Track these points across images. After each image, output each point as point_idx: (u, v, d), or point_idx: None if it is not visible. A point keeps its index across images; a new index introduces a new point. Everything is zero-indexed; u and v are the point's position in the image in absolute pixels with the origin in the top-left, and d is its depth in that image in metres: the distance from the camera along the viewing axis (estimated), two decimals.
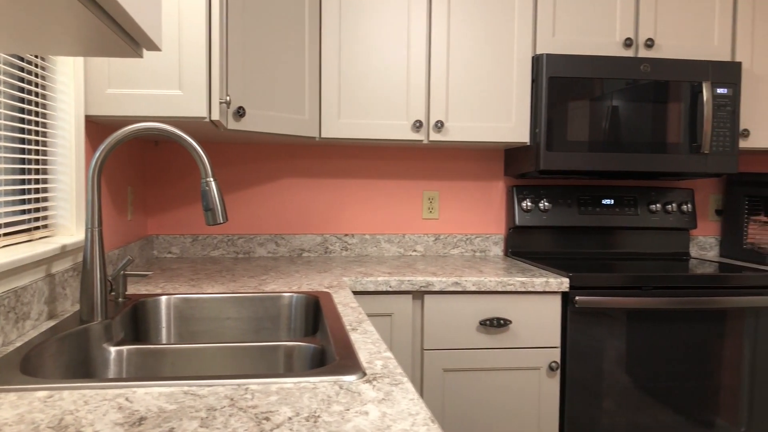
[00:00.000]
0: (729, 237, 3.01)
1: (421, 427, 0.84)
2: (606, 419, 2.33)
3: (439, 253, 2.94)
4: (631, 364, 2.34)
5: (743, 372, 2.40)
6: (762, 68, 2.74)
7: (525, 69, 2.60)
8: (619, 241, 2.94)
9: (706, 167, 2.61)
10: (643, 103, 2.56)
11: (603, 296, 2.29)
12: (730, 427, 2.41)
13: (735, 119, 2.61)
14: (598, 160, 2.55)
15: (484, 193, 2.98)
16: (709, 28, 2.70)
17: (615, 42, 2.64)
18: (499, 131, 2.60)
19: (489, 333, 2.28)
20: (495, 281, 2.25)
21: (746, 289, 2.39)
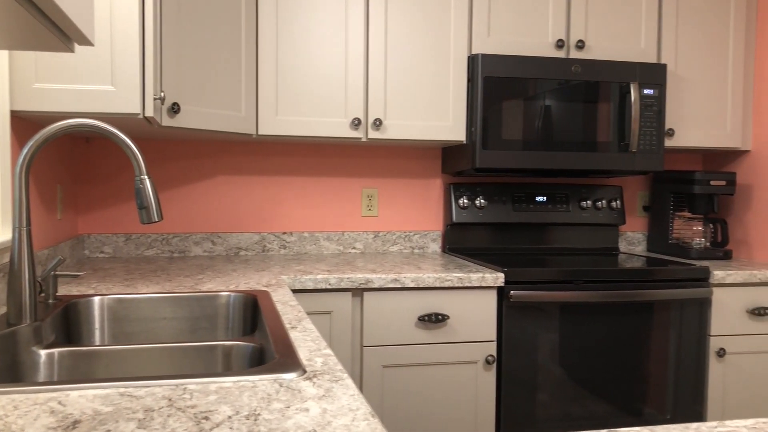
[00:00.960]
0: (655, 232, 3.13)
1: (361, 422, 0.85)
2: (540, 410, 2.40)
3: (379, 250, 2.96)
4: (564, 356, 2.41)
5: (669, 362, 2.51)
6: (685, 70, 2.86)
7: (461, 68, 2.64)
8: (552, 236, 3.03)
9: (634, 165, 2.71)
10: (574, 103, 2.64)
11: (537, 290, 2.36)
12: (657, 414, 2.51)
13: (661, 119, 2.71)
14: (531, 158, 2.61)
15: (423, 190, 3.01)
16: (637, 31, 2.80)
17: (547, 43, 2.71)
18: (436, 130, 2.63)
19: (427, 328, 2.31)
20: (433, 277, 2.28)
21: (672, 282, 2.50)
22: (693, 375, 2.54)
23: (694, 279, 2.51)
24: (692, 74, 2.87)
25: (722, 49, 2.89)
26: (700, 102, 2.88)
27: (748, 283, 2.56)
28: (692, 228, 2.95)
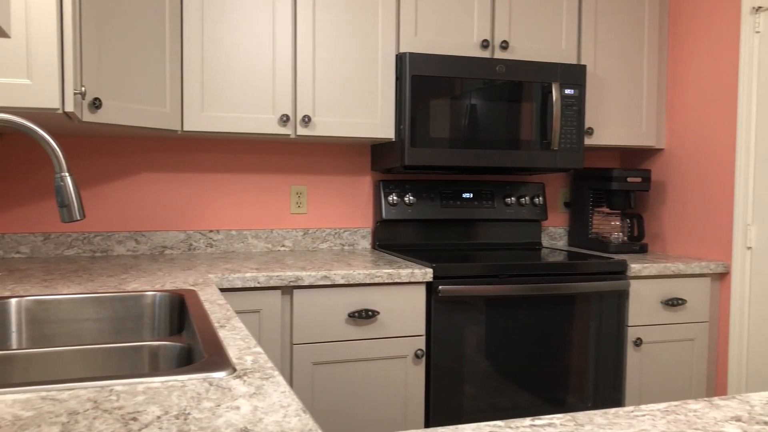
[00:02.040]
0: (576, 227, 3.25)
1: (293, 418, 0.86)
2: (468, 403, 2.45)
3: (308, 247, 2.95)
4: (490, 348, 2.47)
5: (589, 352, 2.61)
6: (604, 71, 2.97)
7: (389, 67, 2.67)
8: (479, 232, 3.09)
9: (556, 163, 2.80)
10: (498, 102, 2.70)
11: (464, 285, 2.41)
12: (579, 403, 2.61)
13: (581, 118, 2.82)
14: (458, 156, 2.66)
15: (352, 187, 3.02)
16: (558, 33, 2.89)
17: (473, 43, 2.77)
18: (365, 127, 2.65)
19: (357, 325, 2.32)
20: (363, 274, 2.30)
21: (592, 275, 2.60)
22: (612, 364, 2.65)
23: (612, 272, 2.62)
24: (610, 75, 2.99)
25: (638, 52, 3.03)
26: (618, 102, 3.01)
27: (662, 275, 2.69)
28: (610, 223, 3.07)
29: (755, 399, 1.03)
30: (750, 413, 0.97)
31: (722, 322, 2.78)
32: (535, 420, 0.91)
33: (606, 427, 0.89)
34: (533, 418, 0.91)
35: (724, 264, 2.74)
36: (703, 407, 0.99)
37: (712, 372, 2.81)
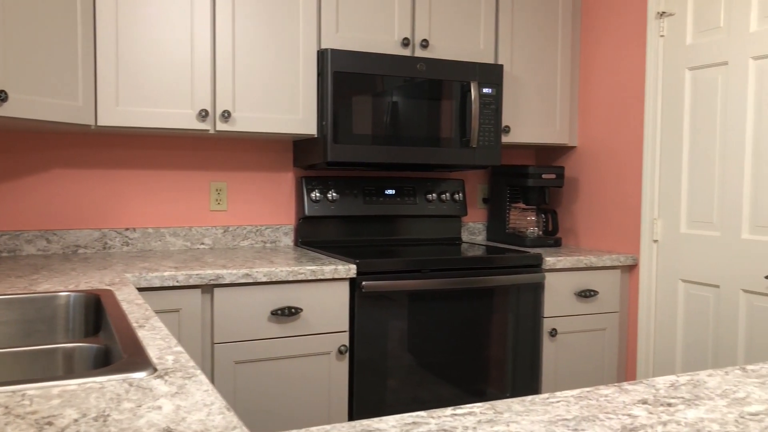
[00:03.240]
0: (494, 222, 3.33)
1: (216, 416, 0.85)
2: (391, 396, 2.48)
3: (229, 245, 2.91)
4: (412, 342, 2.51)
5: (507, 343, 2.69)
6: (520, 71, 3.06)
7: (311, 63, 2.66)
8: (401, 228, 3.13)
9: (475, 160, 2.86)
10: (420, 100, 2.74)
11: (387, 280, 2.43)
12: (498, 393, 2.68)
13: (498, 117, 2.89)
14: (380, 152, 2.69)
15: (274, 184, 3.00)
16: (476, 33, 2.96)
17: (394, 41, 2.80)
18: (287, 123, 2.63)
19: (280, 322, 2.31)
20: (286, 271, 2.29)
21: (509, 268, 2.67)
22: (529, 354, 2.74)
23: (528, 265, 2.71)
24: (526, 75, 3.08)
25: (552, 53, 3.13)
26: (533, 101, 3.11)
27: (575, 268, 2.80)
28: (526, 218, 3.17)
29: (660, 383, 1.10)
30: (655, 396, 1.03)
31: (631, 312, 2.92)
32: (456, 409, 0.94)
33: (523, 414, 0.93)
34: (454, 408, 0.94)
35: (632, 257, 2.88)
36: (613, 392, 1.04)
37: (622, 359, 2.95)
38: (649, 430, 0.88)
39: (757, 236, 2.40)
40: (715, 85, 2.54)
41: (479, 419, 0.90)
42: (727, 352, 2.49)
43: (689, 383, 1.10)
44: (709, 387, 1.08)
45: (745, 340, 2.43)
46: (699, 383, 1.10)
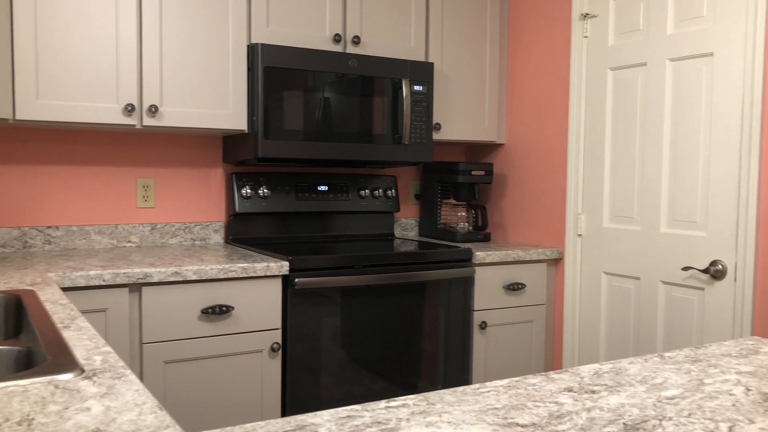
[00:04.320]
0: (426, 218, 3.38)
1: (148, 415, 0.84)
2: (324, 392, 2.48)
3: (157, 243, 2.84)
4: (346, 338, 2.52)
5: (439, 337, 2.74)
6: (450, 69, 3.11)
7: (241, 57, 2.62)
8: (334, 224, 3.13)
9: (407, 156, 2.89)
10: (352, 96, 2.75)
11: (320, 277, 2.43)
12: (430, 386, 2.72)
13: (429, 114, 2.93)
14: (313, 148, 2.68)
15: (203, 180, 2.94)
16: (407, 31, 2.99)
17: (326, 37, 2.79)
18: (216, 118, 2.59)
19: (211, 321, 2.28)
20: (217, 269, 2.25)
21: (441, 263, 2.72)
22: (460, 347, 2.79)
23: (459, 260, 2.76)
24: (456, 73, 3.13)
25: (481, 52, 3.19)
26: (463, 99, 3.16)
27: (504, 262, 2.87)
28: (457, 214, 3.22)
29: (585, 371, 1.14)
30: (580, 384, 1.07)
31: (557, 304, 3.02)
32: (390, 402, 0.95)
33: (455, 404, 0.95)
34: (388, 401, 0.96)
35: (558, 250, 2.97)
36: (540, 381, 1.08)
37: (549, 349, 3.04)
38: (574, 417, 0.91)
39: (674, 230, 2.52)
40: (635, 85, 2.65)
41: (412, 411, 0.92)
42: (647, 341, 2.61)
43: (612, 371, 1.15)
44: (630, 374, 1.13)
45: (663, 328, 2.55)
46: (621, 371, 1.15)
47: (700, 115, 2.41)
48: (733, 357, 1.25)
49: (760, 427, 0.89)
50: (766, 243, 2.22)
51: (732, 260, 2.30)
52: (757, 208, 2.23)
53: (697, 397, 1.01)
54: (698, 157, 2.42)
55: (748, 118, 2.25)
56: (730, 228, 2.31)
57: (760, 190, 2.23)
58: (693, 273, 2.44)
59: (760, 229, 2.24)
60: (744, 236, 2.26)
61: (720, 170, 2.34)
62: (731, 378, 1.11)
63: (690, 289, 2.45)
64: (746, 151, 2.25)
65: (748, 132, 2.25)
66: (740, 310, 2.28)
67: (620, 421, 0.90)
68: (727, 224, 2.32)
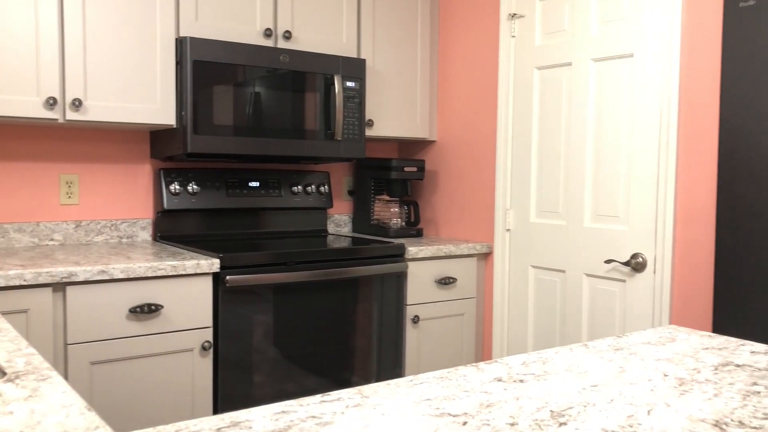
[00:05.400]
0: (359, 214, 3.39)
1: (77, 417, 0.82)
2: (257, 391, 2.47)
3: (81, 241, 2.75)
4: (279, 336, 2.51)
5: (372, 332, 2.76)
6: (382, 66, 3.13)
7: (169, 51, 2.57)
8: (266, 221, 3.11)
9: (339, 152, 2.90)
10: (283, 92, 2.73)
11: (252, 274, 2.41)
12: (363, 381, 2.74)
13: (362, 110, 2.94)
14: (243, 144, 2.65)
15: (130, 176, 2.87)
16: (339, 26, 2.99)
17: (256, 31, 2.76)
18: (143, 112, 2.53)
19: (140, 320, 2.23)
20: (145, 267, 2.20)
21: (374, 258, 2.74)
22: (393, 341, 2.82)
23: (392, 255, 2.79)
24: (387, 70, 3.15)
25: (412, 50, 3.23)
26: (395, 96, 3.19)
27: (435, 257, 2.92)
28: (390, 210, 3.25)
29: (513, 361, 1.18)
30: (509, 373, 1.10)
31: (487, 297, 3.08)
32: (324, 396, 0.96)
33: (389, 396, 0.97)
34: (323, 395, 0.96)
35: (487, 245, 3.04)
36: (471, 372, 1.11)
37: (479, 340, 3.11)
38: (504, 405, 0.94)
39: (597, 224, 2.61)
40: (560, 85, 2.73)
41: (347, 404, 0.93)
42: (573, 331, 2.70)
43: (539, 360, 1.19)
44: (557, 363, 1.17)
45: (587, 319, 2.65)
46: (547, 360, 1.19)
47: (621, 114, 2.51)
48: (652, 345, 1.31)
49: (676, 409, 0.94)
50: (683, 237, 2.33)
51: (651, 253, 2.41)
52: (674, 203, 2.34)
53: (618, 384, 1.05)
54: (620, 154, 2.52)
55: (665, 118, 2.36)
56: (650, 223, 2.42)
57: (677, 187, 2.34)
58: (615, 266, 2.53)
59: (677, 224, 2.35)
60: (662, 231, 2.37)
61: (640, 167, 2.44)
62: (650, 365, 1.17)
63: (612, 281, 2.55)
64: (664, 150, 2.36)
65: (666, 131, 2.35)
66: (659, 301, 2.39)
67: (547, 408, 0.94)
68: (647, 219, 2.42)
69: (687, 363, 1.18)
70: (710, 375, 1.11)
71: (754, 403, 0.97)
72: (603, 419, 0.89)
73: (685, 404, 0.96)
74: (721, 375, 1.11)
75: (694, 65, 2.28)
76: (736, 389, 1.03)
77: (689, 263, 2.31)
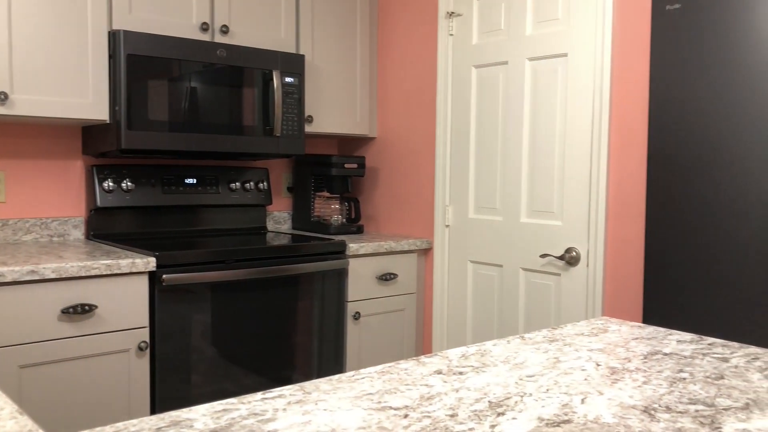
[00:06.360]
0: (299, 211, 3.38)
1: (7, 421, 0.79)
2: (195, 391, 2.43)
3: (9, 240, 2.65)
4: (218, 335, 2.48)
5: (313, 329, 2.75)
6: (321, 62, 3.12)
7: (102, 44, 2.49)
8: (204, 218, 3.06)
9: (278, 149, 2.87)
10: (221, 87, 2.69)
11: (189, 272, 2.37)
12: (304, 379, 2.73)
13: (301, 106, 2.93)
14: (179, 140, 2.60)
15: (61, 172, 2.77)
16: (277, 21, 2.96)
17: (192, 25, 2.71)
18: (75, 107, 2.45)
19: (73, 321, 2.16)
20: (78, 266, 2.14)
21: (314, 255, 2.73)
22: (334, 338, 2.82)
23: (333, 252, 2.79)
24: (327, 66, 3.14)
25: (351, 46, 3.23)
26: (335, 92, 3.18)
27: (376, 253, 2.93)
28: (330, 206, 3.25)
29: (453, 354, 1.20)
30: (449, 366, 1.12)
31: (427, 292, 3.12)
32: (266, 393, 0.95)
33: (331, 392, 0.97)
34: (264, 392, 0.96)
35: (427, 241, 3.07)
36: (412, 365, 1.12)
37: (420, 335, 3.14)
38: (444, 397, 0.96)
39: (533, 219, 2.67)
40: (497, 83, 2.78)
41: (289, 401, 0.93)
42: (510, 324, 2.76)
43: (477, 353, 1.21)
44: (494, 355, 1.20)
45: (524, 312, 2.71)
46: (486, 352, 1.22)
47: (555, 113, 2.58)
48: (586, 336, 1.35)
49: (609, 397, 0.97)
50: (615, 232, 2.41)
51: (585, 247, 2.49)
52: (606, 199, 2.42)
53: (554, 374, 1.09)
54: (554, 151, 2.59)
55: (597, 116, 2.43)
56: (583, 218, 2.49)
57: (609, 183, 2.42)
58: (550, 260, 2.60)
59: (609, 220, 2.43)
60: (595, 225, 2.45)
61: (574, 164, 2.51)
62: (584, 355, 1.21)
63: (548, 275, 2.62)
64: (596, 147, 2.44)
65: (598, 128, 2.43)
66: (592, 293, 2.46)
67: (486, 399, 0.96)
68: (580, 214, 2.50)
69: (618, 353, 1.22)
70: (640, 364, 1.15)
71: (680, 389, 1.01)
72: (539, 408, 0.92)
73: (616, 392, 1.00)
74: (650, 363, 1.15)
75: (624, 65, 2.36)
76: (664, 377, 1.08)
77: (621, 257, 2.39)
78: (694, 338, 1.34)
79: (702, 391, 1.01)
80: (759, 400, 0.96)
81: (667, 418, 0.89)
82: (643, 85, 2.30)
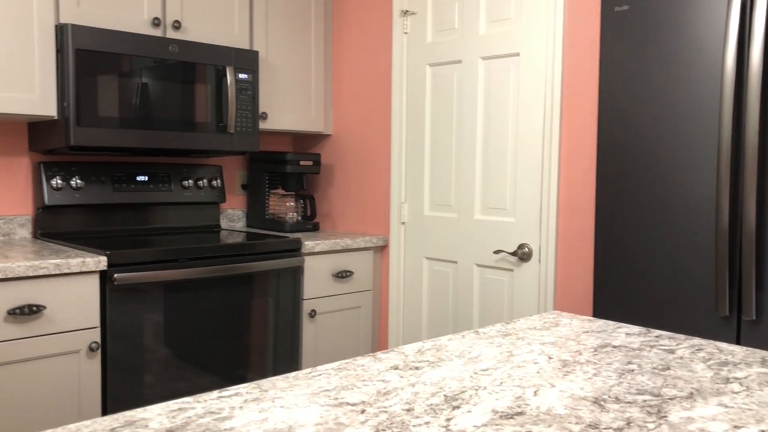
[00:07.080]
0: (254, 209, 3.35)
1: None
2: (148, 391, 2.39)
3: None
4: (171, 334, 2.44)
5: (269, 328, 2.73)
6: (275, 58, 3.10)
7: (48, 38, 2.43)
8: (156, 216, 3.01)
9: (232, 146, 2.85)
10: (173, 83, 2.65)
11: (141, 271, 2.33)
12: (259, 377, 2.72)
13: (255, 103, 2.90)
14: (130, 136, 2.55)
15: (6, 170, 2.69)
16: (231, 17, 2.93)
17: (143, 20, 2.66)
18: (20, 103, 2.38)
19: (19, 322, 2.10)
20: (25, 266, 2.08)
21: (269, 254, 2.71)
22: (289, 336, 2.81)
23: (288, 250, 2.77)
24: (281, 63, 3.12)
25: (306, 43, 3.21)
26: (289, 89, 3.16)
27: (332, 251, 2.93)
28: (286, 204, 3.23)
29: (409, 350, 1.21)
30: (405, 361, 1.13)
31: (383, 289, 3.13)
32: (222, 392, 0.95)
33: (288, 389, 0.97)
34: (221, 390, 0.95)
35: (383, 238, 3.09)
36: (369, 361, 1.13)
37: (376, 331, 3.15)
38: (400, 392, 0.97)
39: (487, 216, 2.71)
40: (451, 82, 2.81)
41: (245, 399, 0.92)
42: (465, 319, 2.79)
43: (433, 348, 1.23)
44: (450, 350, 1.21)
45: (478, 307, 2.75)
46: (441, 347, 1.23)
47: (508, 111, 2.62)
48: (538, 330, 1.38)
49: (560, 389, 1.00)
50: (566, 228, 2.47)
51: (537, 243, 2.53)
52: (557, 196, 2.47)
53: (507, 367, 1.11)
54: (507, 149, 2.62)
55: (549, 114, 2.48)
56: (535, 214, 2.53)
57: (560, 180, 2.47)
58: (503, 256, 2.64)
59: (560, 216, 2.48)
60: (546, 222, 2.49)
61: (526, 162, 2.56)
62: (536, 348, 1.23)
63: (501, 271, 2.66)
64: (548, 145, 2.48)
65: (550, 127, 2.48)
66: (544, 288, 2.51)
67: (441, 393, 0.97)
68: (532, 211, 2.54)
69: (569, 346, 1.25)
70: (590, 356, 1.18)
71: (628, 381, 1.04)
72: (494, 401, 0.94)
73: (568, 384, 1.02)
74: (600, 356, 1.19)
75: (575, 65, 2.41)
76: (613, 368, 1.11)
77: (571, 252, 2.45)
78: (642, 331, 1.38)
79: (649, 381, 1.04)
80: (702, 390, 1.00)
81: (616, 409, 0.92)
82: (592, 84, 2.36)
